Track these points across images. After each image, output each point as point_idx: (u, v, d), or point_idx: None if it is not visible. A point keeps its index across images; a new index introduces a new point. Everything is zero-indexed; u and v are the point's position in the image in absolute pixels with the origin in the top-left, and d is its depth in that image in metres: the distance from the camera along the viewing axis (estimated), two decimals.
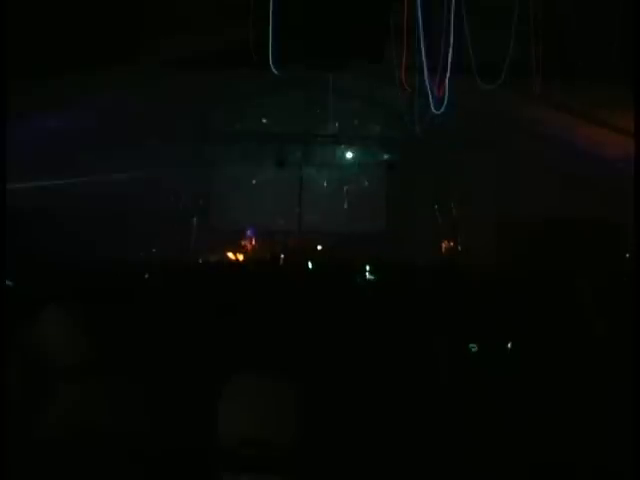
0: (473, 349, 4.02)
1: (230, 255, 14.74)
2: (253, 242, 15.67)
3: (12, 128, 11.62)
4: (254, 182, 16.78)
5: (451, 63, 9.09)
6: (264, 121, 16.44)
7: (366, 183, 16.85)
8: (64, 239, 12.43)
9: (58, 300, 2.83)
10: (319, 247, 15.35)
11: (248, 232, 15.79)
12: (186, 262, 11.54)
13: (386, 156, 16.65)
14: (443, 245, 15.27)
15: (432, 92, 10.35)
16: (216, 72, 13.35)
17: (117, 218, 14.24)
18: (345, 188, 16.82)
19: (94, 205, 13.65)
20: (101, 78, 11.73)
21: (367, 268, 9.13)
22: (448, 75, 9.60)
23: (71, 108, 12.91)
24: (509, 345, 4.15)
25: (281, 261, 13.15)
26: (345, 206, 16.56)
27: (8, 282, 5.92)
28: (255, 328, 4.01)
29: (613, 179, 11.39)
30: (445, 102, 10.38)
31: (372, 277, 8.32)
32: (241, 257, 14.74)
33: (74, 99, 12.53)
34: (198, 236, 15.83)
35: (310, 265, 9.60)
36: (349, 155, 16.87)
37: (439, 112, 10.71)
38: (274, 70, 10.68)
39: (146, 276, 7.78)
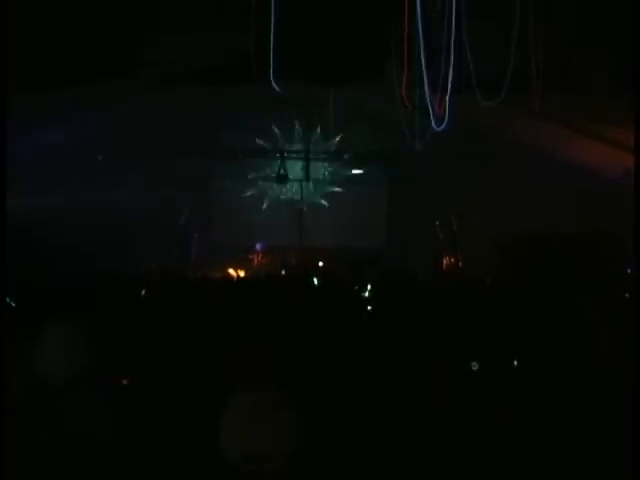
0: (474, 367, 4.01)
1: (231, 271, 14.73)
2: (260, 257, 15.68)
3: (13, 143, 11.68)
4: (255, 197, 16.80)
5: (451, 80, 9.15)
6: (264, 137, 16.48)
7: (367, 198, 16.86)
8: (64, 255, 12.44)
9: (58, 315, 2.85)
10: (320, 263, 15.34)
11: (257, 246, 15.79)
12: (186, 276, 11.53)
13: (386, 171, 16.69)
14: (444, 260, 15.26)
15: (432, 108, 10.41)
16: (217, 88, 13.42)
17: (117, 233, 14.26)
18: (346, 203, 16.83)
19: (94, 221, 13.66)
20: (99, 93, 11.78)
21: (367, 284, 9.12)
22: (449, 92, 9.66)
23: (70, 123, 12.96)
24: (515, 363, 4.15)
25: (280, 276, 13.15)
26: (346, 221, 16.57)
27: (8, 300, 5.92)
28: (257, 344, 4.02)
29: (613, 193, 11.41)
30: (446, 118, 10.44)
31: (373, 293, 8.31)
32: (242, 273, 14.73)
33: (73, 115, 12.58)
34: (199, 251, 15.84)
35: (316, 281, 9.60)
36: (349, 171, 16.90)
37: (440, 128, 10.77)
38: (274, 86, 10.75)
39: (143, 291, 7.78)
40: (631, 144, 8.78)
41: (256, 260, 15.60)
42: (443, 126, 10.65)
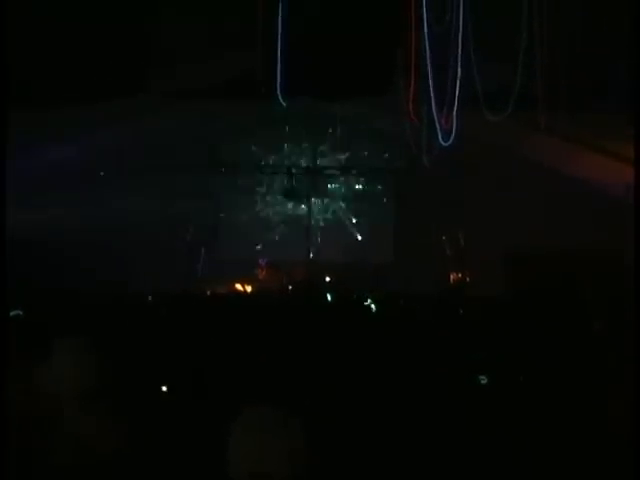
0: (482, 381, 4.01)
1: (238, 286, 14.71)
2: (267, 272, 15.65)
3: (24, 158, 11.77)
4: (262, 213, 16.81)
5: (458, 95, 9.18)
6: (271, 153, 16.52)
7: (374, 214, 16.84)
8: (70, 270, 12.48)
9: (67, 331, 2.84)
10: (328, 278, 15.30)
11: (262, 261, 15.78)
12: (192, 293, 11.53)
13: (393, 187, 16.68)
14: (451, 276, 15.22)
15: (439, 123, 10.43)
16: (224, 104, 13.47)
17: (123, 249, 14.28)
18: (352, 219, 16.82)
19: (99, 237, 13.69)
20: (104, 110, 11.85)
21: (375, 300, 9.12)
22: (455, 107, 9.69)
23: (74, 140, 13.02)
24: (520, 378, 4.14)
25: (289, 292, 13.15)
26: (353, 237, 16.55)
27: (18, 312, 5.94)
28: (264, 362, 4.01)
29: (618, 209, 11.38)
30: (453, 133, 10.46)
31: (380, 309, 8.31)
32: (249, 288, 14.71)
33: (76, 131, 12.65)
34: (206, 266, 15.82)
35: (329, 297, 9.61)
36: (356, 186, 16.90)
37: (446, 143, 10.79)
38: (281, 101, 10.79)
39: (151, 307, 7.79)
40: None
41: (263, 275, 15.57)
42: (450, 141, 10.68)
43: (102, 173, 14.47)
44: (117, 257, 13.99)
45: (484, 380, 4.00)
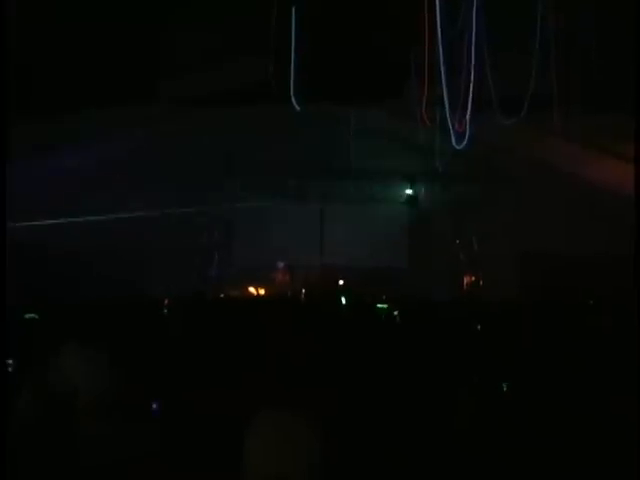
0: (504, 387, 3.96)
1: (252, 290, 14.71)
2: (284, 275, 15.62)
3: (31, 165, 11.82)
4: (274, 216, 16.79)
5: (472, 98, 9.13)
6: (284, 156, 16.49)
7: (387, 218, 16.81)
8: (84, 274, 12.52)
9: (80, 335, 2.83)
10: (341, 282, 15.28)
11: (278, 265, 15.73)
12: (207, 297, 11.53)
13: (406, 191, 16.65)
14: (465, 280, 15.16)
15: (453, 127, 10.39)
16: (236, 108, 13.49)
17: (137, 254, 14.30)
18: (366, 223, 16.78)
19: (113, 242, 13.72)
20: (119, 115, 11.89)
21: (389, 304, 9.08)
22: (469, 110, 9.64)
23: (88, 146, 13.08)
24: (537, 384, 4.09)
25: (303, 296, 13.11)
26: (366, 241, 16.50)
27: (33, 315, 5.96)
28: (280, 365, 4.00)
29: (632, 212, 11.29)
30: (466, 137, 10.41)
31: (394, 313, 8.26)
32: (263, 291, 14.70)
33: (91, 136, 12.70)
34: (220, 270, 15.84)
35: (344, 300, 9.58)
36: (370, 190, 16.87)
37: (460, 147, 10.74)
38: (296, 105, 10.77)
39: (165, 311, 7.78)
40: None
41: (280, 279, 15.55)
42: (463, 145, 10.64)
43: (118, 177, 14.49)
44: (131, 262, 14.01)
45: (505, 387, 3.95)
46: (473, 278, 15.12)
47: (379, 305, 8.58)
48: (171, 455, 2.75)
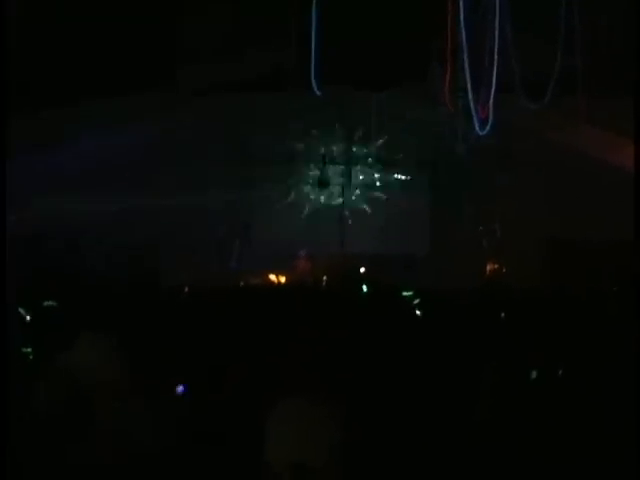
0: (532, 376, 3.92)
1: (272, 278, 14.70)
2: (305, 263, 15.60)
3: (55, 150, 11.89)
4: (295, 203, 16.76)
5: (495, 82, 9.04)
6: (304, 142, 16.45)
7: (409, 204, 16.72)
8: (103, 263, 12.59)
9: (99, 323, 2.83)
10: (362, 269, 15.23)
11: (303, 252, 15.71)
12: (227, 286, 11.55)
13: (429, 177, 16.54)
14: (488, 268, 15.05)
15: (476, 112, 10.31)
16: (255, 94, 13.47)
17: (155, 241, 14.34)
18: (388, 209, 16.70)
19: (130, 230, 13.75)
20: (134, 104, 11.91)
21: (411, 291, 9.04)
22: (492, 95, 9.55)
23: (104, 134, 13.11)
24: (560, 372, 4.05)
25: (324, 283, 13.09)
26: (388, 228, 16.43)
27: (51, 302, 5.99)
28: (302, 354, 3.99)
29: None
30: (489, 122, 10.33)
31: (416, 300, 8.23)
32: (284, 280, 14.69)
33: (108, 125, 12.73)
34: (239, 258, 15.84)
35: (365, 288, 9.56)
36: (392, 176, 16.79)
37: (483, 132, 10.66)
38: (315, 90, 10.74)
39: (184, 298, 7.81)
40: None
41: (298, 267, 15.52)
42: (486, 130, 10.56)
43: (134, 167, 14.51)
44: (151, 251, 14.06)
45: (533, 375, 3.92)
46: (496, 265, 15.01)
47: (405, 293, 8.54)
48: (194, 442, 2.77)
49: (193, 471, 2.58)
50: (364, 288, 9.39)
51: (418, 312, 7.10)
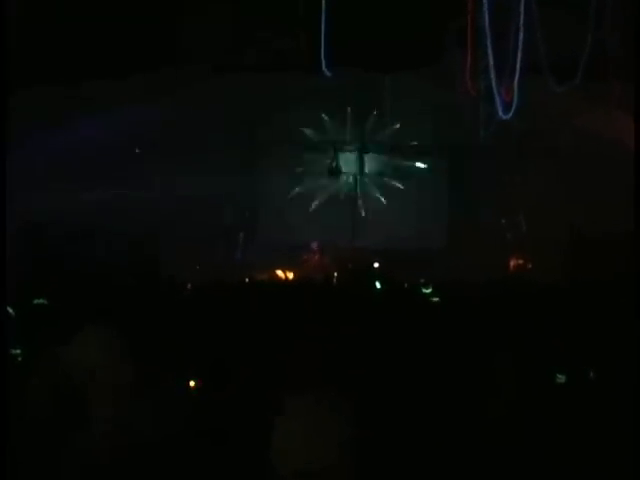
0: (560, 380, 3.91)
1: (279, 273, 14.72)
2: (316, 257, 15.62)
3: (46, 135, 11.95)
4: (304, 193, 16.75)
5: (521, 63, 9.01)
6: (314, 128, 16.45)
7: (426, 194, 16.69)
8: (99, 255, 12.64)
9: (95, 319, 2.87)
10: (376, 264, 15.22)
11: (313, 245, 15.72)
12: (231, 281, 11.57)
13: (447, 165, 16.51)
14: (512, 263, 15.01)
15: (499, 95, 10.27)
16: (262, 76, 13.46)
17: (155, 233, 14.37)
18: (403, 199, 16.68)
19: (129, 221, 13.78)
20: (136, 83, 11.93)
21: (429, 288, 9.05)
22: (517, 77, 9.52)
23: (103, 116, 13.13)
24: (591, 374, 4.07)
25: (334, 280, 13.11)
26: (403, 219, 16.42)
27: (41, 300, 6.04)
28: (310, 353, 4.02)
29: None
30: (513, 106, 10.29)
31: (435, 298, 8.24)
32: (291, 275, 14.71)
33: (107, 107, 12.75)
34: (244, 251, 15.86)
35: (378, 285, 9.59)
36: (407, 164, 16.77)
37: (506, 117, 10.62)
38: (326, 72, 10.72)
39: (186, 294, 7.86)
40: None
41: (307, 260, 15.54)
42: (510, 114, 10.52)
43: (138, 150, 14.56)
44: (150, 242, 14.10)
45: (562, 379, 3.91)
46: (521, 261, 14.97)
47: (424, 290, 8.56)
48: (192, 442, 2.79)
49: (194, 469, 2.62)
50: (377, 284, 9.39)
51: (436, 310, 7.10)
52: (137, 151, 14.66)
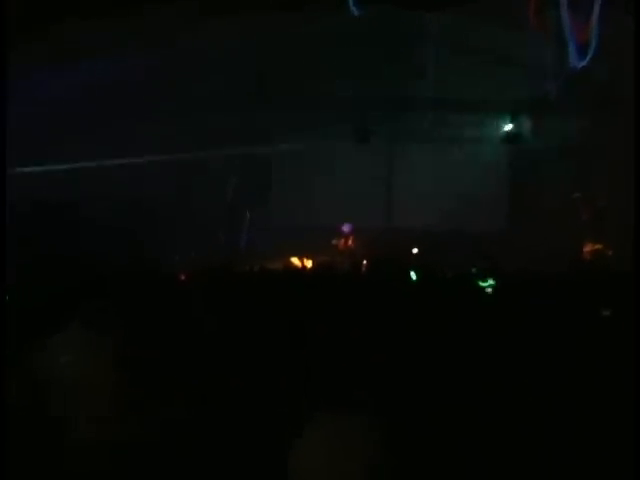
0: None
1: (295, 261, 14.82)
2: (350, 241, 15.82)
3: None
4: (326, 163, 16.83)
5: None
6: (338, 82, 16.43)
7: (478, 165, 16.74)
8: (81, 236, 12.73)
9: (79, 316, 2.94)
10: (415, 250, 15.34)
11: (344, 228, 15.91)
12: (234, 270, 11.62)
13: (507, 127, 16.52)
14: (587, 248, 15.07)
15: (571, 36, 10.17)
16: (274, 17, 13.43)
17: (145, 212, 14.45)
18: (450, 170, 16.73)
19: (112, 195, 13.87)
20: (125, 24, 11.98)
21: (480, 280, 9.05)
22: (597, 14, 9.39)
23: (85, 67, 13.17)
24: None
25: (364, 268, 13.13)
26: (450, 195, 16.48)
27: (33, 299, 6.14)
28: (331, 359, 4.05)
29: None
30: (590, 51, 10.18)
31: (489, 292, 8.22)
32: (309, 264, 14.81)
33: (91, 55, 12.80)
34: (252, 235, 15.99)
35: (414, 276, 9.61)
36: (454, 126, 16.80)
37: (581, 65, 10.52)
38: (353, 10, 10.66)
39: (180, 288, 7.89)
40: None
41: (343, 247, 15.73)
42: (586, 61, 10.42)
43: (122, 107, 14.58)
44: (136, 222, 14.18)
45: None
46: (598, 245, 14.99)
47: (482, 283, 8.55)
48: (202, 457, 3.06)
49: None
50: (413, 276, 9.38)
51: (492, 309, 7.08)
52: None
